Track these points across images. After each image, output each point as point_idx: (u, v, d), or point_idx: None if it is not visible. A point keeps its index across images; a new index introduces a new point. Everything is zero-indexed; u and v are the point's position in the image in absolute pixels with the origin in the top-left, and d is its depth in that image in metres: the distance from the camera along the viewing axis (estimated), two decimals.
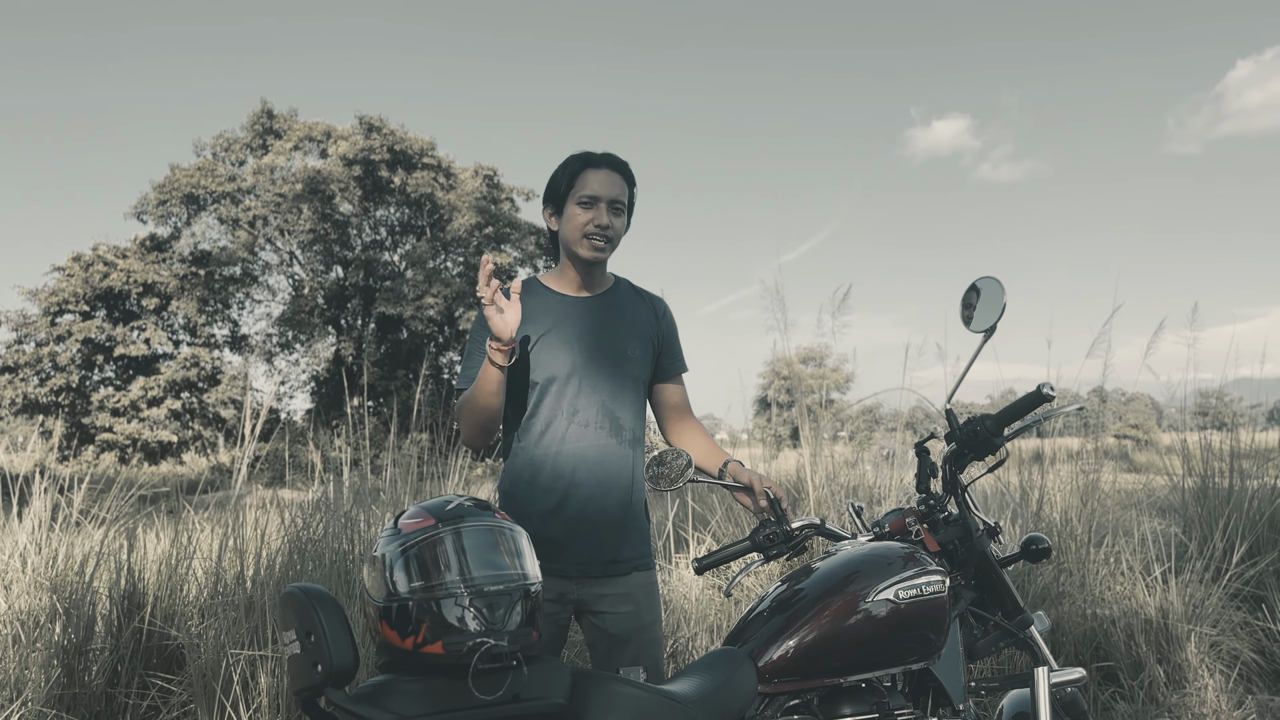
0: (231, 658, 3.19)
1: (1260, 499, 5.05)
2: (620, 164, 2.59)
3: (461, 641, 1.60)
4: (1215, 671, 4.35)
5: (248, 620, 3.33)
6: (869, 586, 2.02)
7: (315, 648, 1.59)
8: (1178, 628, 4.35)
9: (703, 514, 5.42)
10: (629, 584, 2.49)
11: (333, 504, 3.90)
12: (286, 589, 1.69)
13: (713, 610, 4.68)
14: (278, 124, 30.91)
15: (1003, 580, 2.31)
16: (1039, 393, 2.10)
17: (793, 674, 1.97)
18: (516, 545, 1.73)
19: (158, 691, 3.43)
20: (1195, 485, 5.33)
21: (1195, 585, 4.54)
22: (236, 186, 29.92)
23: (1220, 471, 5.34)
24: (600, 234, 2.51)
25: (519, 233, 31.33)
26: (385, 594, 1.66)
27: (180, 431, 29.97)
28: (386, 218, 31.93)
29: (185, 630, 3.53)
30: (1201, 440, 5.64)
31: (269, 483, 18.29)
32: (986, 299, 2.25)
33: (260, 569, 3.64)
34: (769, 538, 2.31)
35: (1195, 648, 4.32)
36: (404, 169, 29.93)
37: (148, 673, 3.49)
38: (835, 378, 27.29)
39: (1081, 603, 4.46)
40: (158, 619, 3.56)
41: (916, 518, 2.30)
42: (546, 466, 2.49)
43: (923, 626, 2.04)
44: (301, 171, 29.42)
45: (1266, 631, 4.71)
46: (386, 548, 1.69)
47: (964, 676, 2.17)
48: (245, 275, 31.21)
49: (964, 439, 2.23)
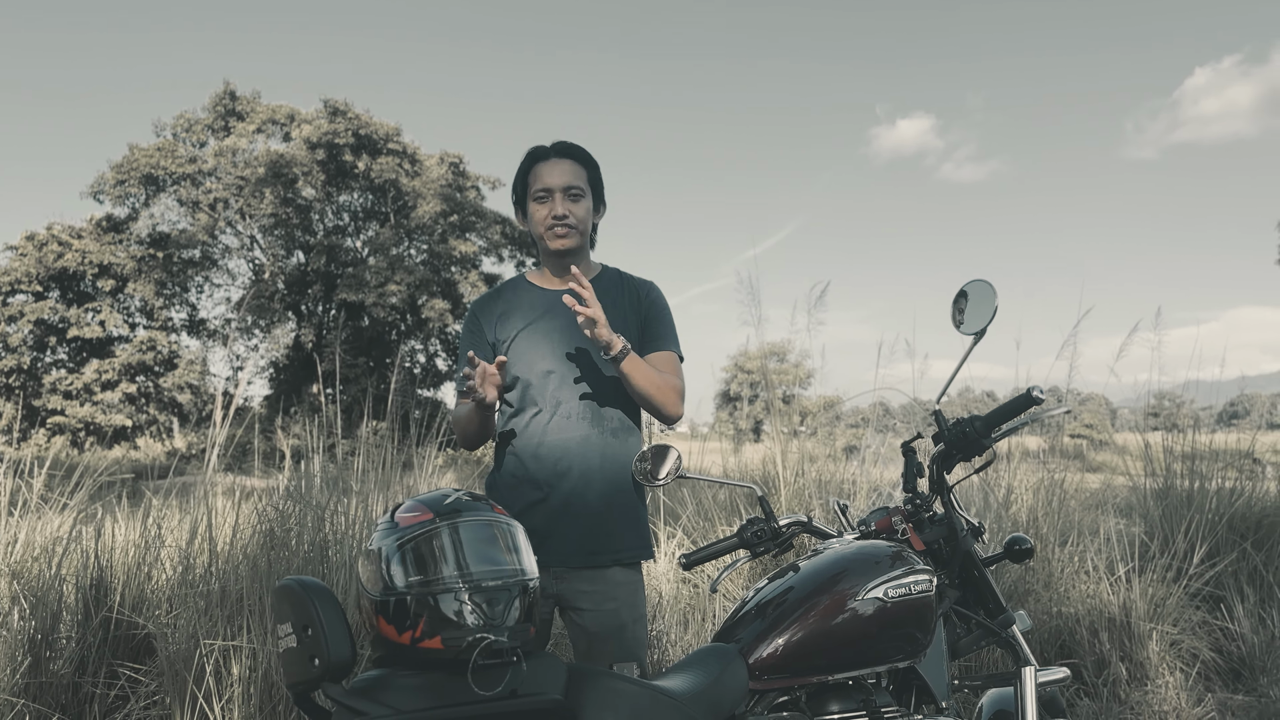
0: (205, 648, 3.14)
1: (1219, 500, 5.15)
2: (570, 149, 2.57)
3: (461, 637, 1.59)
4: (1176, 669, 4.43)
5: (221, 609, 3.29)
6: (858, 585, 2.03)
7: (312, 641, 1.58)
8: (1140, 626, 4.42)
9: (673, 508, 5.44)
10: (611, 581, 2.48)
11: (304, 492, 3.85)
12: (282, 582, 1.68)
13: (682, 602, 4.69)
14: (240, 106, 30.51)
15: (986, 580, 2.34)
16: (1029, 395, 2.13)
17: (782, 671, 1.98)
18: (514, 540, 1.72)
19: (126, 681, 3.38)
20: (1157, 486, 5.42)
21: (1157, 585, 4.62)
22: (197, 168, 29.49)
23: (1180, 473, 5.44)
24: (560, 224, 2.50)
25: (484, 221, 31.17)
26: (382, 588, 1.64)
27: (135, 416, 29.54)
28: (350, 203, 31.64)
29: (155, 619, 3.48)
30: (1164, 442, 5.73)
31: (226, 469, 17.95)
32: (978, 302, 2.27)
33: (234, 558, 3.60)
34: (757, 534, 2.32)
35: (1157, 646, 4.40)
36: (368, 154, 29.66)
37: (115, 662, 3.44)
38: (797, 373, 27.42)
39: (1047, 601, 4.52)
40: (126, 608, 3.51)
41: (903, 517, 2.32)
42: (529, 459, 2.50)
43: (910, 625, 2.06)
44: (264, 155, 29.06)
45: (1224, 630, 4.81)
46: (383, 541, 1.68)
47: (948, 674, 2.20)
48: (205, 258, 30.79)
49: (953, 440, 2.25)
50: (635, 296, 2.62)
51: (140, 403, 29.81)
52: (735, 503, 5.21)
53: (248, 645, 3.15)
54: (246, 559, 3.45)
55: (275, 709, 3.10)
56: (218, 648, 3.17)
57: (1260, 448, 5.95)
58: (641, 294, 2.63)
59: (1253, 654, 4.70)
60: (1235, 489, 5.31)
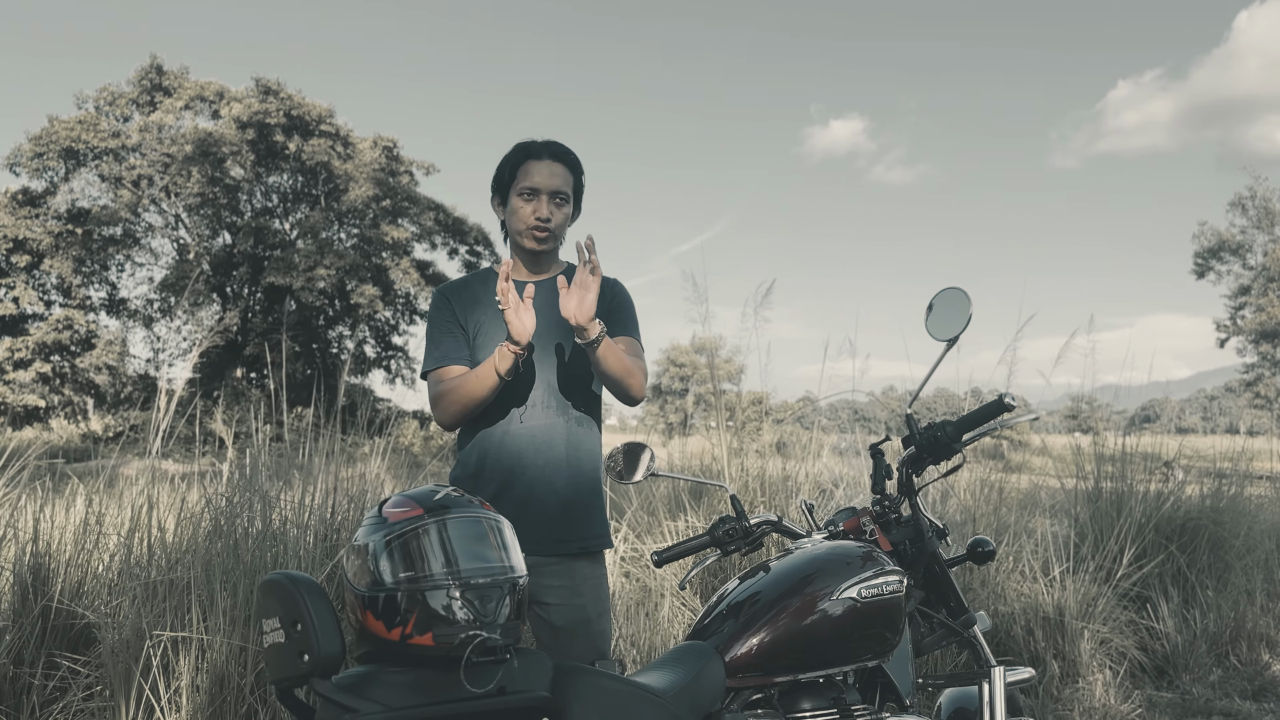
0: (154, 639, 3.07)
1: (1146, 504, 5.32)
2: (563, 153, 2.57)
3: (453, 634, 1.59)
4: (1105, 667, 4.58)
5: (169, 600, 3.22)
6: (833, 585, 2.07)
7: (302, 637, 1.56)
8: (1073, 625, 4.56)
9: (619, 503, 5.45)
10: (576, 575, 2.49)
11: (250, 479, 3.77)
12: (269, 576, 1.65)
13: (626, 596, 4.71)
14: (167, 81, 29.71)
15: (950, 581, 2.39)
16: (1000, 402, 2.18)
17: (757, 670, 2.01)
18: (503, 537, 1.72)
19: (65, 671, 3.29)
20: (1087, 489, 5.58)
21: (1089, 585, 4.77)
22: (121, 143, 28.64)
23: (1109, 475, 5.60)
24: (542, 226, 2.50)
25: (417, 207, 30.82)
26: (370, 583, 1.63)
27: (48, 396, 28.65)
28: (279, 184, 31.03)
29: (95, 609, 3.39)
30: (1093, 446, 5.91)
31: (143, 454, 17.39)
32: (951, 309, 2.31)
33: (178, 546, 3.52)
34: (728, 533, 2.35)
35: (1088, 644, 4.54)
36: (300, 135, 29.11)
37: (54, 652, 3.34)
38: (728, 369, 27.58)
39: (984, 599, 4.63)
40: (65, 597, 3.41)
41: (871, 518, 2.36)
42: (493, 449, 2.50)
43: (880, 625, 2.10)
44: (192, 132, 28.35)
45: (1149, 630, 4.98)
46: (371, 536, 1.66)
47: (912, 673, 2.25)
48: (126, 236, 29.93)
49: (924, 443, 2.30)
50: (599, 292, 2.64)
51: (54, 383, 28.90)
52: (680, 498, 5.24)
53: (197, 637, 3.09)
54: (194, 548, 3.38)
55: (225, 702, 3.04)
56: (166, 639, 3.10)
57: (1170, 451, 6.16)
58: (607, 290, 2.64)
59: (1176, 652, 4.88)
60: (1161, 493, 5.50)
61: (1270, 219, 39.47)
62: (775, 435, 7.90)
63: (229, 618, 3.11)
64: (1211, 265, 40.77)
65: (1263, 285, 39.48)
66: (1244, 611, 5.21)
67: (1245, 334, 39.91)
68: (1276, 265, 38.60)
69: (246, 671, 3.07)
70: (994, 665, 2.21)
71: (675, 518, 5.12)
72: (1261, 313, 38.60)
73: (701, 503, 5.12)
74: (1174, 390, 10.46)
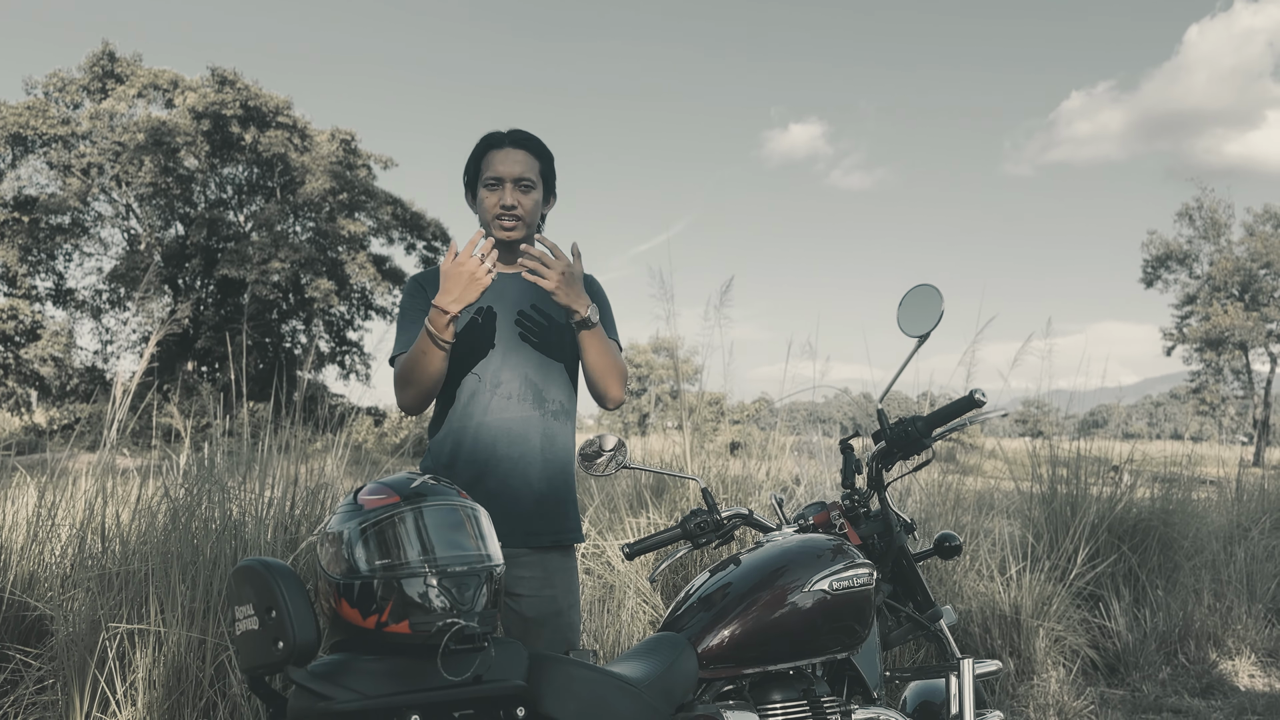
0: (110, 631, 3.02)
1: (1099, 506, 5.41)
2: (525, 139, 2.56)
3: (430, 622, 1.58)
4: (1059, 664, 4.65)
5: (125, 592, 3.16)
6: (804, 578, 2.08)
7: (277, 624, 1.54)
8: (1028, 623, 4.62)
9: (581, 499, 5.44)
10: (548, 566, 2.49)
11: (208, 471, 3.71)
12: (243, 562, 1.63)
13: (586, 592, 4.70)
14: (120, 68, 29.17)
15: (916, 575, 2.42)
16: (971, 398, 2.21)
17: (729, 661, 2.02)
18: (479, 526, 1.71)
19: (17, 664, 3.22)
20: (1042, 491, 5.66)
21: (1044, 584, 4.84)
22: (70, 130, 28.10)
23: (1064, 478, 5.69)
24: (507, 214, 2.50)
25: (375, 201, 30.55)
26: (344, 570, 1.61)
27: None
28: (234, 176, 30.61)
29: (48, 601, 3.32)
30: (1050, 450, 5.99)
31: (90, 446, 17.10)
32: (923, 305, 2.34)
33: (133, 538, 3.46)
34: (700, 526, 2.35)
35: (1043, 642, 4.61)
36: (256, 126, 28.72)
37: (5, 644, 3.27)
38: (685, 368, 27.71)
39: (943, 596, 4.69)
40: (17, 588, 3.34)
41: (840, 512, 2.38)
42: (468, 438, 2.48)
43: (850, 617, 2.12)
44: (144, 121, 27.86)
45: (1101, 628, 5.07)
46: (346, 524, 1.65)
47: (880, 666, 2.27)
48: (75, 225, 29.35)
49: (895, 438, 2.32)
50: None
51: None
52: (642, 494, 5.24)
53: (154, 629, 3.04)
54: (151, 539, 3.32)
55: (183, 695, 3.00)
56: (122, 631, 3.04)
57: (1119, 456, 6.28)
58: (586, 285, 2.63)
59: (1127, 650, 4.97)
60: (1113, 495, 5.60)
61: (1216, 230, 40.31)
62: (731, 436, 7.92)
63: (187, 610, 3.06)
64: (1159, 274, 41.55)
65: (1208, 295, 40.32)
66: (1192, 611, 5.31)
67: (1191, 342, 40.73)
68: (1221, 275, 39.44)
69: (205, 664, 3.03)
70: (961, 658, 2.24)
71: (637, 514, 5.13)
72: (1207, 321, 39.40)
73: (664, 499, 5.13)
74: (1121, 396, 10.65)
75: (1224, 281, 39.46)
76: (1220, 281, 39.52)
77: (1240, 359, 40.33)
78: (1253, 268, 38.86)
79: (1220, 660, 5.23)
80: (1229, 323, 38.22)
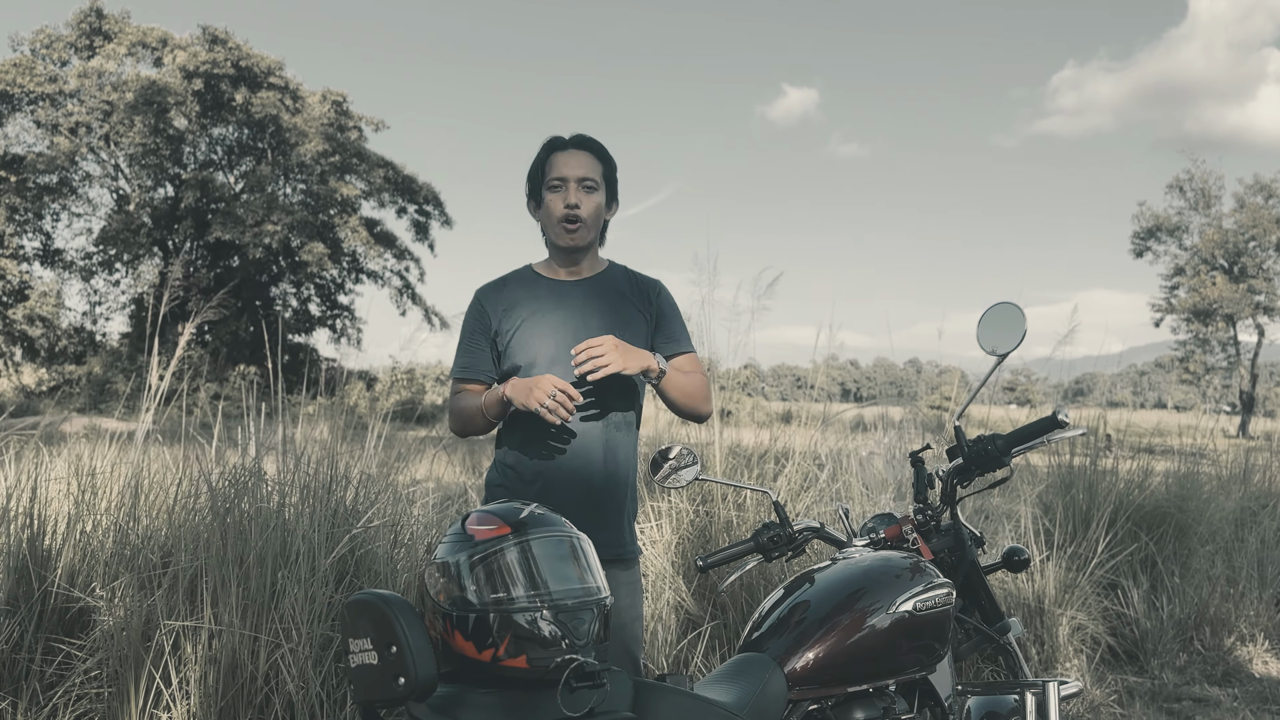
0: (166, 629, 3.02)
1: (1118, 493, 5.46)
2: (588, 143, 2.56)
3: (548, 657, 1.58)
4: (1081, 652, 4.71)
5: (179, 585, 3.16)
6: (888, 599, 2.09)
7: (398, 660, 1.54)
8: (1051, 612, 4.67)
9: None
10: (613, 580, 2.48)
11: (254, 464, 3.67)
12: (358, 596, 1.63)
13: None
14: (108, 25, 28.76)
15: (987, 589, 2.44)
16: (1054, 419, 2.22)
17: (815, 681, 2.03)
18: (586, 556, 1.72)
19: (64, 657, 3.22)
20: (1060, 477, 5.69)
21: (1065, 573, 4.88)
22: (58, 88, 27.75)
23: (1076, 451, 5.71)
24: (571, 215, 2.48)
25: (366, 164, 30.31)
26: (458, 602, 1.61)
27: None
28: (225, 137, 30.29)
29: (92, 593, 3.32)
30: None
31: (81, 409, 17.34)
32: (1004, 323, 2.34)
33: (178, 529, 3.45)
34: (773, 539, 2.36)
35: (1066, 630, 4.66)
36: (248, 87, 28.40)
37: (52, 637, 3.27)
38: None
39: None
40: (63, 580, 3.34)
41: (913, 526, 2.39)
42: (531, 451, 2.48)
43: (930, 637, 2.14)
44: (134, 80, 27.51)
45: (1120, 615, 5.13)
46: (457, 555, 1.65)
47: (953, 680, 2.29)
48: (63, 185, 29.04)
49: (972, 456, 2.33)
50: (644, 295, 2.60)
51: None
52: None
53: (208, 627, 3.04)
54: (199, 533, 3.31)
55: (239, 691, 3.01)
56: (176, 627, 3.05)
57: (1111, 426, 6.32)
58: (651, 294, 2.62)
59: (1146, 637, 5.04)
60: (1130, 481, 5.64)
61: (1206, 201, 40.43)
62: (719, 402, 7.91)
63: (239, 606, 3.06)
64: (1149, 245, 41.70)
65: (1196, 266, 40.51)
66: (1207, 598, 5.38)
67: (1179, 313, 40.96)
68: (1210, 246, 39.61)
69: (260, 661, 3.03)
70: (1046, 680, 2.26)
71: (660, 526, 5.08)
72: (1195, 293, 39.61)
73: None
74: (1106, 365, 10.73)
75: (1211, 254, 39.64)
76: (1209, 253, 39.71)
77: (1227, 331, 40.60)
78: (1239, 240, 39.03)
79: (1235, 647, 5.30)
80: (1216, 294, 38.44)
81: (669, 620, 4.08)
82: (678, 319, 2.61)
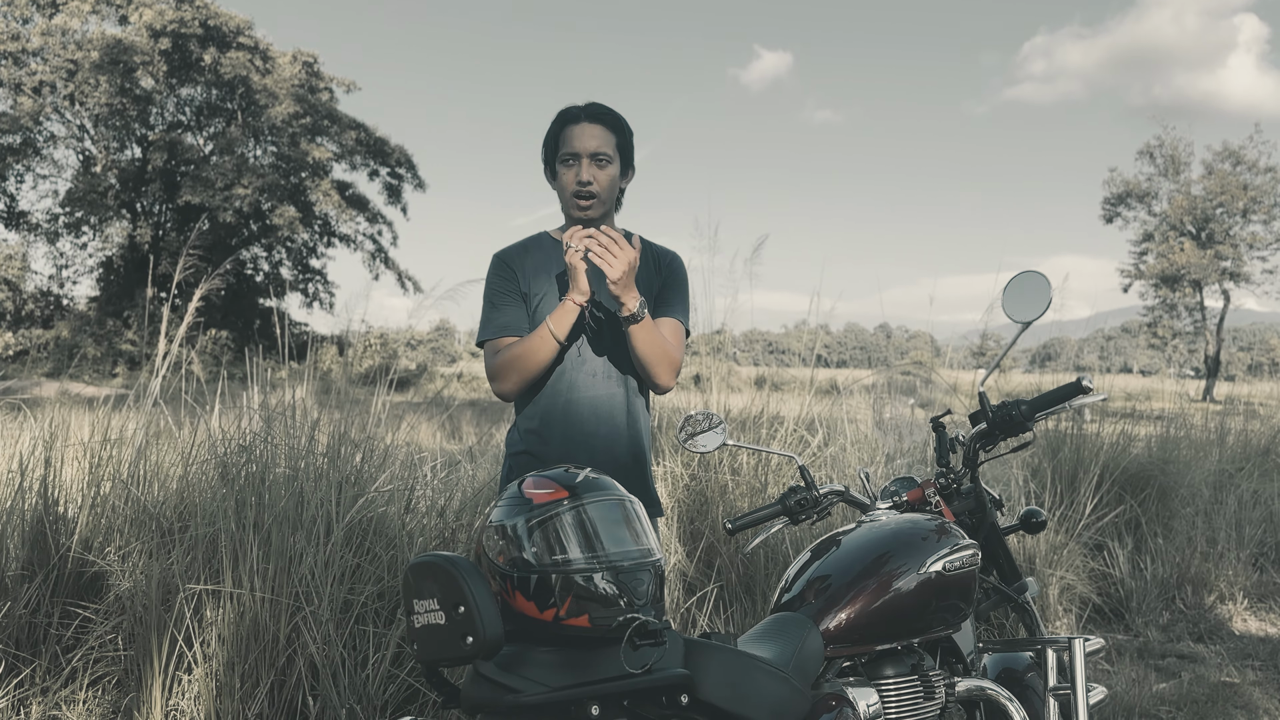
0: (187, 593, 3.05)
1: (1103, 456, 5.58)
2: (601, 113, 2.54)
3: (611, 616, 1.63)
4: (1069, 612, 4.84)
5: (197, 549, 3.18)
6: (917, 560, 2.16)
7: (466, 620, 1.58)
8: (1042, 572, 4.79)
9: None
10: None
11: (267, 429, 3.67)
12: (423, 558, 1.67)
13: None
14: None
15: (1006, 550, 2.51)
16: (1078, 384, 2.28)
17: (849, 640, 2.10)
18: (641, 520, 1.76)
19: (80, 621, 3.25)
20: (1048, 441, 5.81)
21: (1054, 534, 5.00)
22: (20, 47, 27.15)
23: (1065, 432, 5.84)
24: (584, 190, 2.49)
25: (338, 126, 29.96)
26: (519, 564, 1.65)
27: None
28: (193, 97, 29.80)
29: (109, 558, 3.34)
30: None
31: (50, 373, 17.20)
32: (1031, 292, 2.40)
33: (190, 493, 3.48)
34: (799, 503, 2.42)
35: (1055, 590, 4.78)
36: (217, 47, 27.93)
37: (69, 601, 3.30)
38: None
39: None
40: (79, 544, 3.36)
41: (935, 489, 2.46)
42: (557, 414, 2.51)
43: (957, 596, 2.21)
44: (99, 38, 26.96)
45: (1105, 575, 5.26)
46: (515, 518, 1.68)
47: (974, 637, 2.37)
48: (26, 145, 28.50)
49: (996, 421, 2.39)
50: (656, 264, 2.63)
51: None
52: None
53: (229, 590, 3.07)
54: (214, 498, 3.33)
55: (262, 653, 3.04)
56: (198, 591, 3.08)
57: None
58: (663, 262, 2.63)
59: (1130, 597, 5.18)
60: (1115, 444, 5.77)
61: (1176, 167, 40.79)
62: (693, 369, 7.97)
63: (260, 570, 3.09)
64: (1119, 211, 42.06)
65: (1164, 232, 40.94)
66: (1189, 558, 5.53)
67: (1147, 278, 41.44)
68: (1178, 213, 40.02)
69: (281, 624, 3.07)
70: (1072, 638, 2.34)
71: None
72: (1163, 259, 40.07)
73: None
74: (1074, 330, 10.83)
75: (1179, 220, 40.07)
76: (1177, 219, 40.13)
77: (1194, 296, 41.13)
78: (1208, 207, 39.46)
79: (1216, 605, 5.46)
80: (1184, 260, 38.90)
81: (674, 583, 4.15)
82: (682, 289, 2.63)
